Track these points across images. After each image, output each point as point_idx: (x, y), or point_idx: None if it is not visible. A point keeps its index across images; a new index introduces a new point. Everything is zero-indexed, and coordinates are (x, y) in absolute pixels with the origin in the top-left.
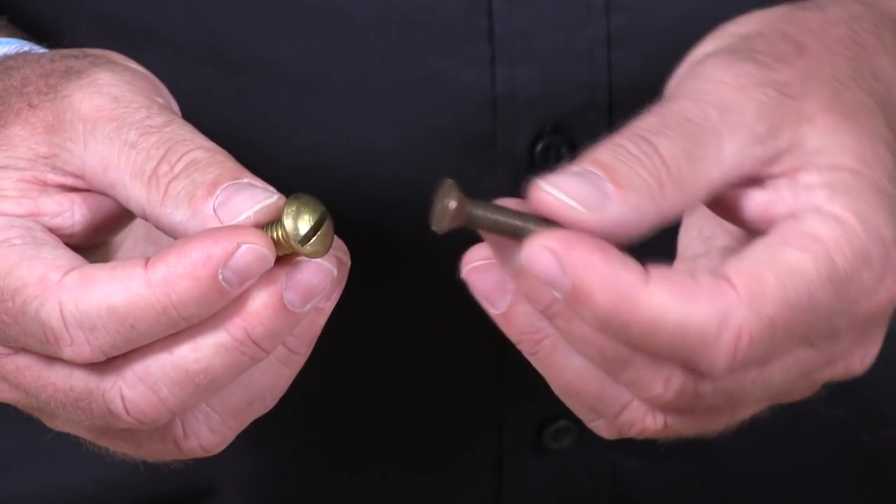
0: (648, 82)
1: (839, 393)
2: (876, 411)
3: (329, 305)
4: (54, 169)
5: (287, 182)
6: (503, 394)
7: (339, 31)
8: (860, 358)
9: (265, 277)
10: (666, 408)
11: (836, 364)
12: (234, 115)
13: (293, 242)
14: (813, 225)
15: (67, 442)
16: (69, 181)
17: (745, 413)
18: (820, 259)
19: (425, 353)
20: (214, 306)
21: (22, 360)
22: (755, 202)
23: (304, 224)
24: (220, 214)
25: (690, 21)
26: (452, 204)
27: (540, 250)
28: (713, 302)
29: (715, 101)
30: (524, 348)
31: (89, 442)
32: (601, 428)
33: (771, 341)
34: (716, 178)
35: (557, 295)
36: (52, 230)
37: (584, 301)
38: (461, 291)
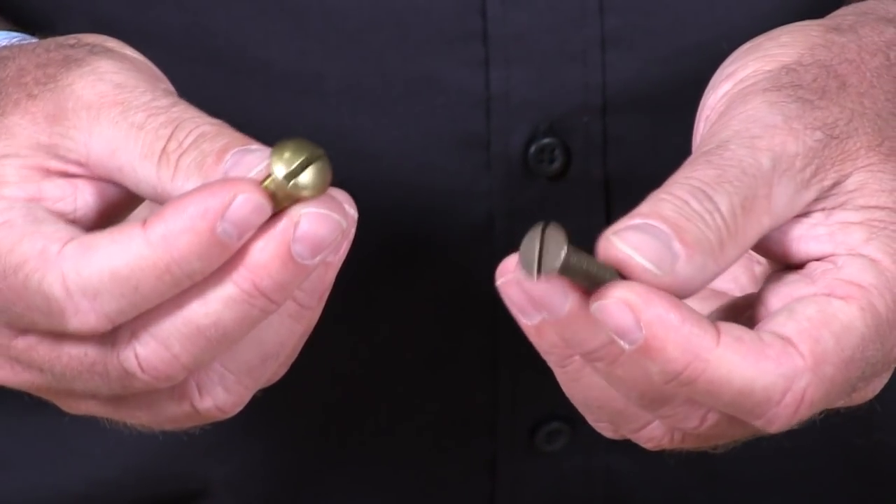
0: (643, 83)
1: None
2: (870, 415)
3: (338, 259)
4: (56, 157)
5: None
6: (496, 396)
7: (334, 31)
8: (873, 389)
9: (273, 229)
10: (696, 438)
11: (853, 396)
12: (228, 116)
13: (283, 183)
14: (853, 272)
15: (62, 443)
16: (72, 169)
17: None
18: (866, 310)
19: (418, 355)
20: (216, 260)
21: (31, 340)
22: (786, 235)
23: (291, 163)
24: (233, 175)
25: (685, 22)
26: (563, 253)
27: (616, 303)
28: (780, 366)
29: (767, 147)
30: (553, 360)
31: (108, 421)
32: (606, 430)
33: (827, 399)
34: (766, 227)
35: (624, 346)
36: (54, 213)
37: (654, 357)
38: (455, 293)
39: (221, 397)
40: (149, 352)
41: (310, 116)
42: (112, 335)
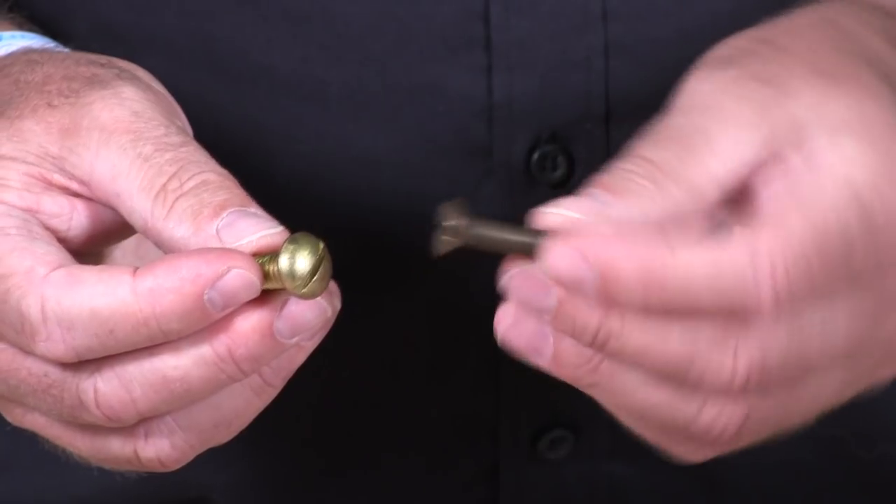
0: (645, 92)
1: (838, 412)
2: (874, 427)
3: (311, 345)
4: (61, 171)
5: (282, 189)
6: (498, 403)
7: (336, 38)
8: None
9: (260, 302)
10: (742, 389)
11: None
12: (230, 122)
13: (287, 281)
14: (825, 157)
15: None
16: (74, 186)
17: (828, 390)
18: (839, 179)
19: (420, 362)
20: (195, 325)
21: None
22: (773, 188)
23: (302, 266)
24: (223, 236)
25: (688, 30)
26: (452, 222)
27: (559, 250)
28: (739, 242)
29: (696, 105)
30: (584, 384)
31: (48, 444)
32: (689, 451)
33: (809, 270)
34: (719, 172)
35: (590, 292)
36: (48, 230)
37: (616, 284)
38: (457, 300)
39: (166, 451)
40: (109, 389)
41: (312, 123)
42: (76, 364)
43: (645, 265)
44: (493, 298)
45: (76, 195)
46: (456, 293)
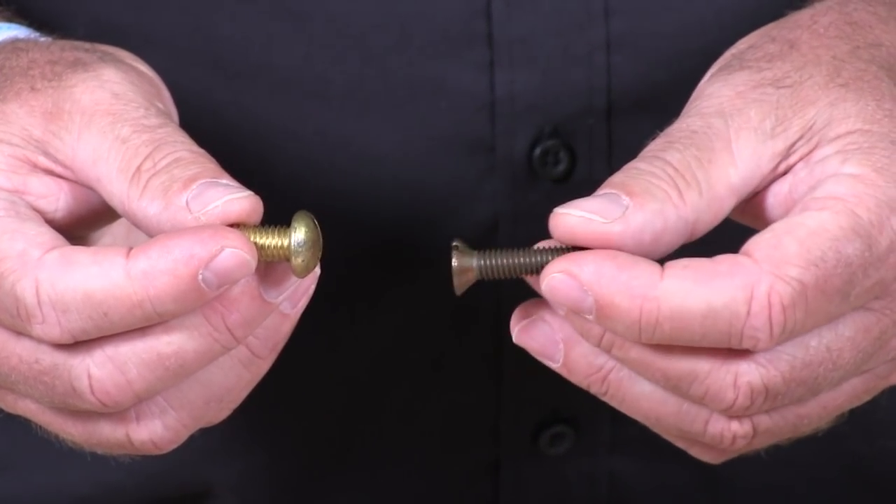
0: (647, 87)
1: None
2: (874, 422)
3: (295, 312)
4: (45, 154)
5: (284, 186)
6: (499, 398)
7: (338, 35)
8: None
9: None
10: (745, 412)
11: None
12: (231, 120)
13: (291, 256)
14: (830, 188)
15: (65, 444)
16: (58, 169)
17: (838, 401)
18: (840, 214)
19: (422, 358)
20: (190, 305)
21: None
22: (780, 196)
23: (302, 241)
24: (192, 206)
25: (689, 26)
26: (454, 264)
27: (555, 277)
28: (734, 277)
29: (716, 111)
30: (595, 390)
31: (41, 430)
32: (702, 454)
33: (806, 304)
34: (736, 182)
35: (589, 317)
36: (36, 211)
37: (610, 314)
38: (458, 297)
39: (159, 432)
40: (104, 374)
41: (314, 120)
42: (68, 348)
43: (638, 303)
44: (495, 295)
45: (61, 177)
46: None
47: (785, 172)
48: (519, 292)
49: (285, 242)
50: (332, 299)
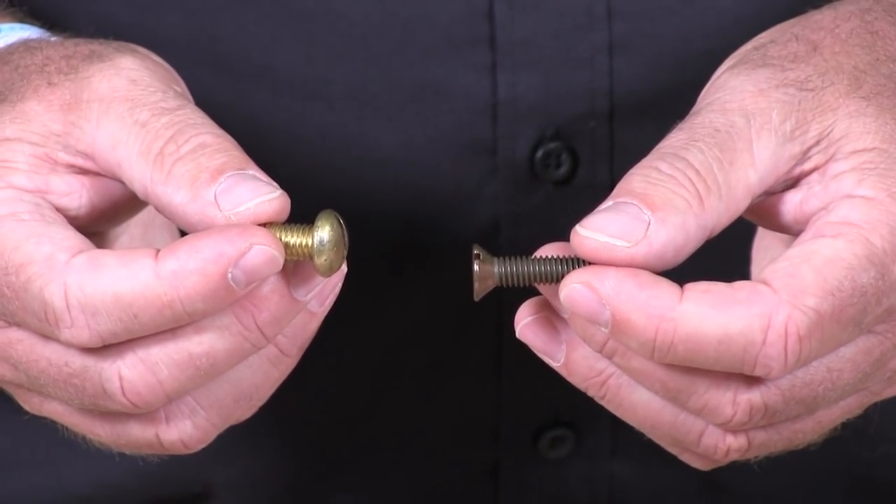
0: (649, 89)
1: None
2: (875, 427)
3: (322, 310)
4: (66, 147)
5: (287, 188)
6: (499, 401)
7: (340, 37)
8: None
9: None
10: (741, 427)
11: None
12: (233, 121)
13: (315, 256)
14: (844, 212)
15: (65, 443)
16: (79, 161)
17: (832, 417)
18: (855, 242)
19: (422, 360)
20: (219, 304)
21: (15, 334)
22: (791, 204)
23: (328, 241)
24: (221, 202)
25: (691, 29)
26: (476, 269)
27: (575, 288)
28: (752, 306)
29: (738, 108)
30: (593, 393)
31: (66, 431)
32: (693, 461)
33: (822, 334)
34: (754, 183)
35: (603, 330)
36: (57, 210)
37: (626, 330)
38: (460, 298)
39: (188, 431)
40: (135, 375)
41: (316, 122)
42: (97, 351)
43: (656, 324)
44: (496, 298)
45: (83, 171)
46: (459, 291)
47: (798, 178)
48: (519, 293)
49: (309, 241)
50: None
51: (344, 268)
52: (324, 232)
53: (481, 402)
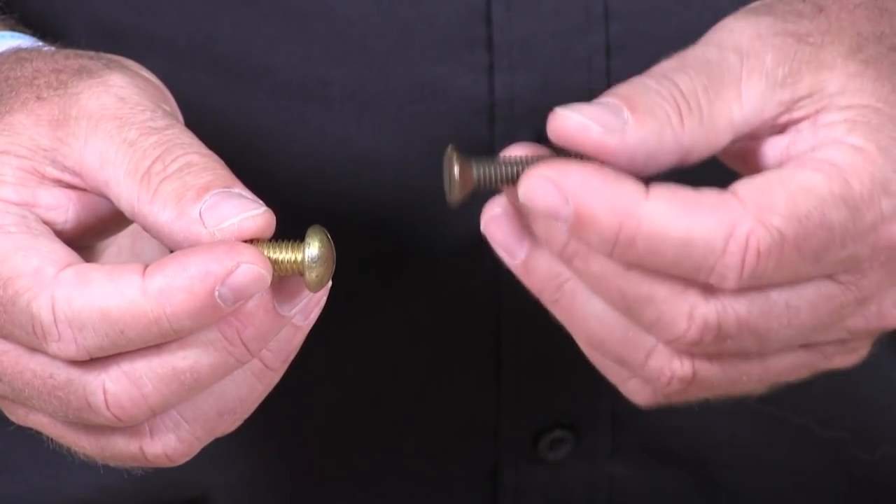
0: None
1: (838, 414)
2: (875, 429)
3: (307, 324)
4: (53, 163)
5: (284, 189)
6: (499, 403)
7: (338, 38)
8: (894, 303)
9: None
10: (691, 348)
11: (868, 306)
12: (231, 122)
13: (305, 272)
14: (830, 153)
15: (64, 447)
16: (66, 177)
17: (779, 368)
18: (833, 179)
19: (421, 362)
20: (206, 322)
21: (0, 346)
22: (777, 147)
23: (316, 257)
24: (206, 219)
25: (689, 30)
26: (455, 171)
27: (537, 181)
28: (718, 213)
29: (734, 46)
30: (546, 297)
31: (52, 442)
32: (635, 390)
33: (781, 255)
34: (737, 120)
35: (562, 226)
36: (44, 223)
37: (588, 224)
38: (458, 299)
39: (172, 445)
40: (119, 389)
41: (313, 123)
42: (82, 364)
43: (619, 219)
44: (495, 298)
45: (70, 187)
46: (458, 293)
47: (785, 126)
48: (519, 295)
49: (299, 257)
50: (331, 303)
51: (329, 282)
52: (314, 248)
53: (480, 403)
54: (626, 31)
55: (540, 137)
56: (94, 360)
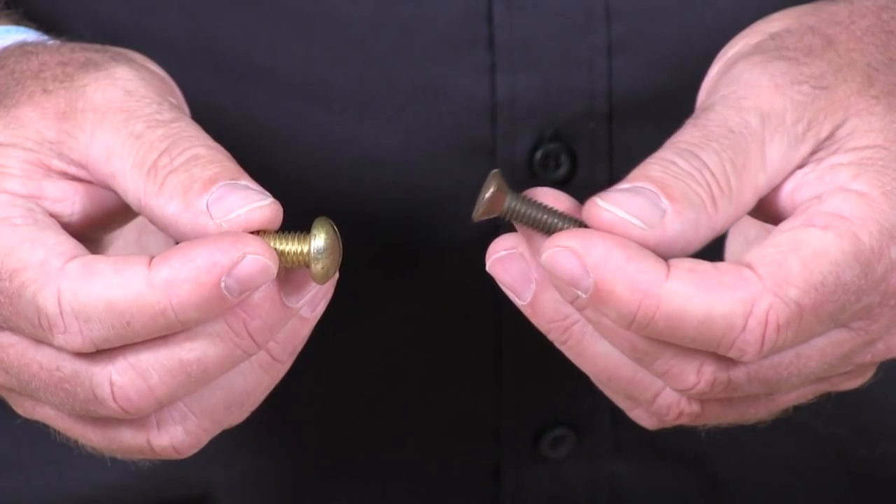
0: (648, 90)
1: (839, 411)
2: (875, 426)
3: (314, 317)
4: (60, 156)
5: (285, 189)
6: (500, 401)
7: (339, 38)
8: (874, 355)
9: None
10: (700, 397)
11: (876, 345)
12: (232, 122)
13: (312, 263)
14: (837, 204)
15: (65, 444)
16: (72, 170)
17: (787, 401)
18: (844, 237)
19: (423, 361)
20: (213, 313)
21: (7, 338)
22: (782, 191)
23: (323, 249)
24: (213, 210)
25: (690, 30)
26: (490, 192)
27: (561, 251)
28: (737, 291)
29: (754, 106)
30: (554, 337)
31: (58, 435)
32: (641, 417)
33: (799, 326)
34: (762, 185)
35: (582, 294)
36: (51, 216)
37: (607, 300)
38: (460, 299)
39: (179, 437)
40: (125, 381)
41: (315, 123)
42: (89, 356)
43: (639, 298)
44: (496, 297)
45: (76, 179)
46: (459, 292)
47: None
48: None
49: (305, 248)
50: (333, 302)
51: (336, 274)
52: (320, 239)
53: (482, 402)
54: (628, 31)
55: (541, 137)
56: (101, 352)
